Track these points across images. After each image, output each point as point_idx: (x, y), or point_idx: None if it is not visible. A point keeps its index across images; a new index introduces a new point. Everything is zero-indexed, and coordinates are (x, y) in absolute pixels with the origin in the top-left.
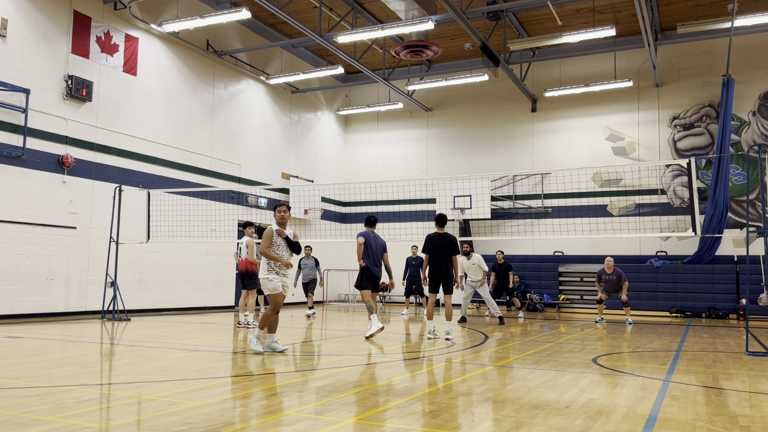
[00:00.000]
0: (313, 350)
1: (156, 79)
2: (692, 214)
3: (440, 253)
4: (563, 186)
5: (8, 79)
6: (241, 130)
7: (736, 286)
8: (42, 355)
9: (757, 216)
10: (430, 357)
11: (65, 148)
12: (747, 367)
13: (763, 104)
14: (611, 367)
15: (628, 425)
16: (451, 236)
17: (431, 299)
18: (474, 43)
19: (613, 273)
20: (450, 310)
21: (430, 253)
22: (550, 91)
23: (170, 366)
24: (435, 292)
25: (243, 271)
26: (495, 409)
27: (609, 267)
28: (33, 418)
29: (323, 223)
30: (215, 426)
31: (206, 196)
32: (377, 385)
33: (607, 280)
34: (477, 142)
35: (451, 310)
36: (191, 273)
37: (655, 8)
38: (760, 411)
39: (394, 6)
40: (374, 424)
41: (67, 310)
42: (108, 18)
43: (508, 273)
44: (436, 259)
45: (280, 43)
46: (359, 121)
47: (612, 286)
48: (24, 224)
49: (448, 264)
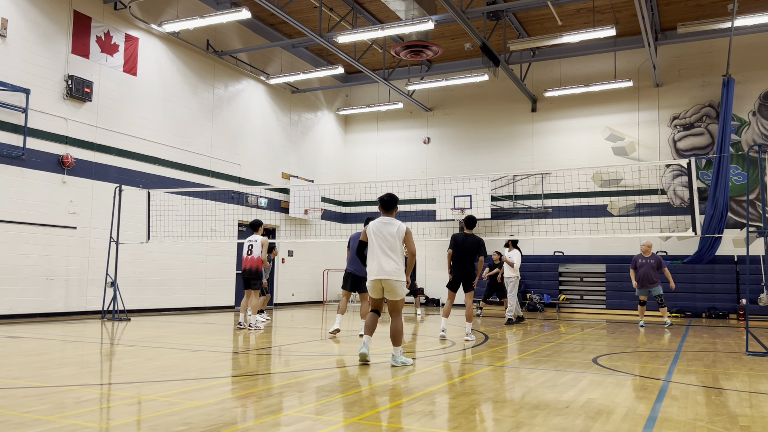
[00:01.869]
0: (313, 350)
1: (156, 79)
2: (692, 214)
3: (464, 254)
4: (563, 186)
5: (8, 79)
6: (241, 130)
7: (736, 286)
8: (42, 355)
9: (757, 216)
10: (431, 357)
11: (65, 148)
12: (747, 367)
13: (763, 104)
14: (611, 367)
15: (628, 425)
16: (477, 238)
17: (450, 298)
18: (474, 43)
19: (652, 257)
20: (470, 311)
21: (455, 252)
22: (550, 91)
23: (170, 366)
24: (455, 291)
25: (251, 269)
26: (495, 409)
27: (646, 250)
28: (33, 418)
29: (323, 223)
30: (215, 426)
31: (206, 196)
32: (377, 385)
33: (644, 264)
34: (477, 142)
35: (471, 311)
36: (191, 273)
37: (655, 8)
38: (760, 411)
39: (394, 6)
40: (374, 424)
41: (67, 310)
42: (108, 18)
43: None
44: (461, 260)
45: (280, 43)
46: (359, 121)
47: (648, 275)
48: (24, 224)
49: (473, 265)
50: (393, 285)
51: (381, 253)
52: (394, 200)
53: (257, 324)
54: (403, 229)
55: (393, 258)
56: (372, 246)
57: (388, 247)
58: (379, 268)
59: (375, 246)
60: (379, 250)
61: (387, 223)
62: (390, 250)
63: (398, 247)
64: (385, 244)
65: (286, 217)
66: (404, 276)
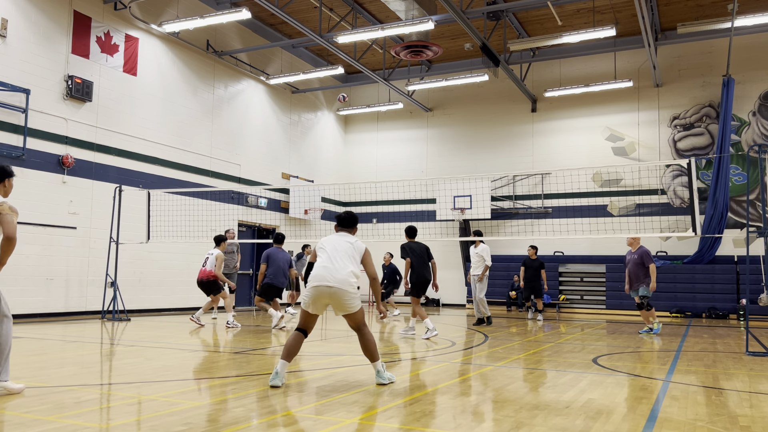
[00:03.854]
0: (313, 350)
1: (156, 79)
2: (692, 214)
3: (421, 260)
4: (563, 186)
5: (8, 79)
6: (241, 130)
7: (736, 286)
8: (42, 355)
9: (757, 216)
10: (430, 357)
11: (65, 148)
12: (747, 367)
13: (763, 104)
14: (611, 367)
15: (628, 425)
16: (423, 244)
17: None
18: (474, 43)
19: (636, 252)
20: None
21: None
22: (550, 91)
23: (170, 366)
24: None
25: (202, 280)
26: (495, 409)
27: (632, 242)
28: (33, 418)
29: (323, 223)
30: (215, 426)
31: (206, 196)
32: (377, 385)
33: (630, 260)
34: (477, 142)
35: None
36: (191, 273)
37: (655, 8)
38: (760, 411)
39: (394, 6)
40: (374, 424)
41: (67, 310)
42: (108, 18)
43: (541, 271)
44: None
45: (280, 43)
46: (359, 121)
47: (635, 272)
48: (24, 224)
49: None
50: (342, 296)
51: (334, 259)
52: (354, 219)
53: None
54: (362, 246)
55: (349, 265)
56: (322, 255)
57: (344, 254)
58: (327, 274)
59: (326, 253)
60: (331, 255)
61: (344, 236)
62: (346, 256)
63: (356, 258)
64: (341, 251)
65: (286, 217)
66: (356, 289)
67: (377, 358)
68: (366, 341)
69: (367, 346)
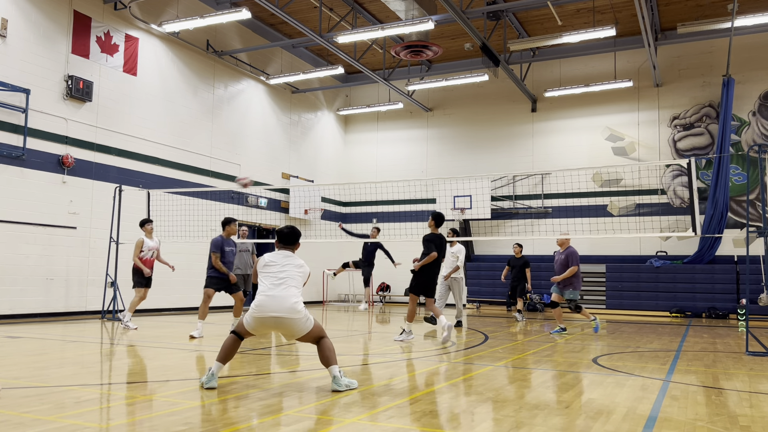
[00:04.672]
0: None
1: (156, 79)
2: (692, 214)
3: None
4: (563, 186)
5: (8, 79)
6: (241, 130)
7: (736, 286)
8: (42, 355)
9: (757, 216)
10: (430, 357)
11: (65, 148)
12: (747, 367)
13: (763, 104)
14: (611, 367)
15: (628, 425)
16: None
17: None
18: (474, 43)
19: (564, 253)
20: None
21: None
22: (550, 91)
23: (170, 366)
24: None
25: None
26: (495, 409)
27: (562, 242)
28: (33, 418)
29: (323, 223)
30: (215, 426)
31: (206, 196)
32: (377, 385)
33: (556, 261)
34: (477, 142)
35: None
36: (191, 273)
37: (655, 8)
38: (760, 411)
39: (394, 6)
40: (374, 424)
41: (67, 310)
42: (108, 18)
43: (525, 270)
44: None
45: (280, 43)
46: (359, 121)
47: (560, 273)
48: (24, 224)
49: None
50: (293, 324)
51: (279, 286)
52: (296, 235)
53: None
54: (307, 270)
55: (295, 291)
56: (265, 282)
57: (291, 281)
58: (274, 303)
59: (270, 279)
60: (276, 282)
61: (289, 257)
62: (293, 282)
63: (300, 282)
64: (287, 278)
65: (286, 217)
66: (304, 308)
67: (334, 362)
68: (326, 348)
69: (325, 353)
